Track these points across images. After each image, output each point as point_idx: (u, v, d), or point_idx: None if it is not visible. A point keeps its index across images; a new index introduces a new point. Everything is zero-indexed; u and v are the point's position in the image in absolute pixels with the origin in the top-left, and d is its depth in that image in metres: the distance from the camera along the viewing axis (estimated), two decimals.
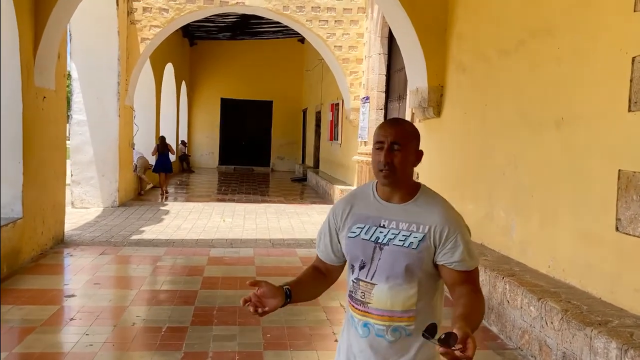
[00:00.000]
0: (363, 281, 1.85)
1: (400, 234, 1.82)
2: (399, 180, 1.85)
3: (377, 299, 1.83)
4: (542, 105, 4.82)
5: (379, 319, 1.83)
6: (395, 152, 1.82)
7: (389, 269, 1.81)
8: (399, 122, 1.92)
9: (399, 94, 10.24)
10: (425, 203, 1.88)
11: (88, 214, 10.11)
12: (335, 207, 2.00)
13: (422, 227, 1.82)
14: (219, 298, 5.23)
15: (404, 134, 1.85)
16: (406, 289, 1.82)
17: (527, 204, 4.98)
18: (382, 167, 1.82)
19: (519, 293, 4.20)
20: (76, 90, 10.74)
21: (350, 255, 1.91)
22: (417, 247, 1.81)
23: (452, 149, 6.81)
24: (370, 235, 1.86)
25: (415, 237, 1.81)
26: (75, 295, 5.22)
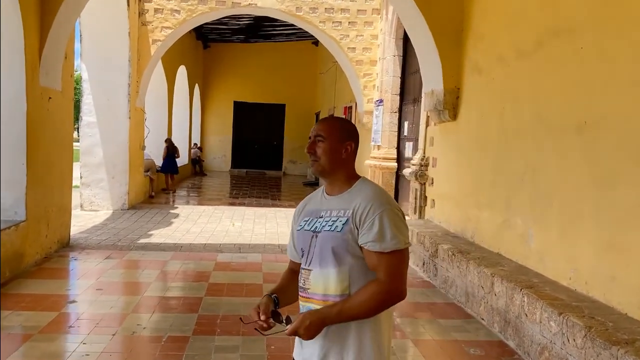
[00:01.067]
0: (304, 268, 1.96)
1: (330, 220, 1.92)
2: (325, 170, 1.97)
3: (314, 284, 1.91)
4: (562, 109, 4.58)
5: (317, 303, 1.89)
6: (318, 143, 1.97)
7: (319, 254, 1.90)
8: (325, 118, 2.11)
9: (414, 97, 10.02)
10: (358, 190, 1.95)
11: (97, 216, 10.00)
12: (296, 209, 2.14)
13: (347, 211, 1.89)
14: (223, 306, 5.05)
15: (327, 127, 2.00)
16: (336, 272, 1.87)
17: (546, 212, 4.74)
18: (310, 159, 1.99)
19: (538, 307, 3.96)
20: (86, 92, 10.64)
21: (297, 247, 2.03)
22: (342, 229, 1.87)
23: (469, 153, 6.57)
24: (311, 226, 1.97)
25: (340, 221, 1.89)
26: (77, 301, 5.07)
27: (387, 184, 10.64)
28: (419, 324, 4.85)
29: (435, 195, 7.72)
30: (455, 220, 6.87)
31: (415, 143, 9.71)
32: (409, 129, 10.35)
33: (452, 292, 5.69)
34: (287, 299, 2.05)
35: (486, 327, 4.78)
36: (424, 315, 5.12)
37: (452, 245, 5.96)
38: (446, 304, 5.49)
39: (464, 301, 5.36)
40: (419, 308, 5.35)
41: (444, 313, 5.20)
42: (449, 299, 5.65)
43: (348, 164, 2.00)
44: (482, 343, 4.42)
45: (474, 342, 4.45)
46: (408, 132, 10.38)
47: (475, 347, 4.33)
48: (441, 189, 7.51)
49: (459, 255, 5.57)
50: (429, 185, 8.01)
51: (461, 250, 5.73)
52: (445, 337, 4.57)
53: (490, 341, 4.47)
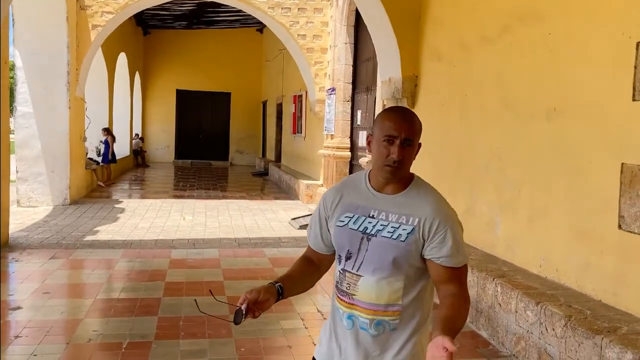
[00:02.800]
0: (349, 272, 1.79)
1: (389, 226, 1.76)
2: (404, 175, 1.80)
3: (363, 292, 1.77)
4: (530, 95, 4.55)
5: (364, 311, 1.77)
6: (406, 148, 1.75)
7: (376, 261, 1.75)
8: (410, 116, 1.82)
9: (367, 85, 9.91)
10: (417, 195, 1.81)
11: (36, 213, 9.41)
12: (326, 195, 1.92)
13: (411, 219, 1.76)
14: (184, 307, 4.77)
15: (416, 130, 1.79)
16: (392, 282, 1.76)
17: (514, 199, 4.71)
18: (390, 163, 1.74)
19: (513, 296, 3.91)
20: (20, 80, 9.96)
21: (337, 245, 1.84)
22: (406, 239, 1.74)
23: (429, 142, 6.42)
24: (358, 225, 1.79)
25: (404, 230, 1.75)
26: (22, 307, 4.66)
27: (341, 173, 10.52)
28: None
29: None
30: None
31: (370, 132, 9.60)
32: (362, 118, 10.25)
33: None
34: (295, 290, 1.88)
35: None
36: None
37: None
38: None
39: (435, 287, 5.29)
40: None
41: None
42: None
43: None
44: None
45: None
46: (361, 120, 10.28)
47: None
48: None
49: None
50: None
51: None
52: None
53: (462, 332, 4.33)
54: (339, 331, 1.83)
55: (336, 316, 1.85)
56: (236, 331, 4.17)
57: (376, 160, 1.79)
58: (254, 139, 23.02)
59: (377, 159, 1.78)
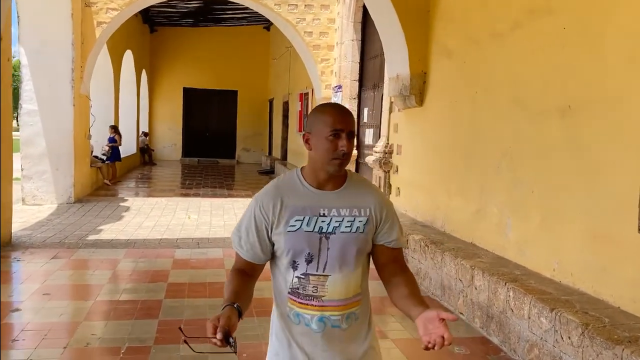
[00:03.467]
0: (314, 275, 1.77)
1: (344, 220, 1.79)
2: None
3: (333, 290, 1.77)
4: (543, 92, 4.39)
5: (336, 309, 1.78)
6: (351, 140, 1.78)
7: (340, 257, 1.77)
8: (348, 110, 1.87)
9: (374, 83, 9.75)
10: (359, 187, 1.87)
11: (40, 211, 9.32)
12: (262, 201, 1.82)
13: (363, 210, 1.81)
14: (186, 309, 4.65)
15: (353, 122, 1.83)
16: (357, 274, 1.81)
17: (526, 201, 4.56)
18: (338, 156, 1.76)
19: (525, 302, 3.76)
20: (25, 78, 9.86)
21: (293, 250, 1.77)
22: (364, 230, 1.81)
23: (437, 140, 6.35)
24: (312, 226, 1.78)
25: (360, 221, 1.80)
26: (20, 309, 4.56)
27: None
28: (396, 321, 4.60)
29: (401, 183, 7.50)
30: (423, 209, 6.66)
31: (377, 130, 9.46)
32: (368, 116, 10.09)
33: (425, 284, 5.47)
34: (245, 307, 1.75)
35: (466, 323, 4.57)
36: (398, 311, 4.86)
37: (423, 235, 5.74)
38: None
39: (440, 294, 5.15)
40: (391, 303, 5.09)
41: None
42: (422, 292, 5.41)
43: None
44: (464, 340, 4.21)
45: (456, 339, 4.21)
46: (368, 118, 10.12)
47: (458, 344, 4.11)
48: (407, 177, 7.29)
49: (433, 247, 5.35)
50: (393, 173, 7.79)
51: (434, 240, 5.51)
52: None
53: (472, 338, 4.27)
54: (302, 338, 1.80)
55: (294, 323, 1.81)
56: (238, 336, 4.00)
57: (322, 156, 1.77)
58: (261, 137, 22.90)
59: (322, 154, 1.77)
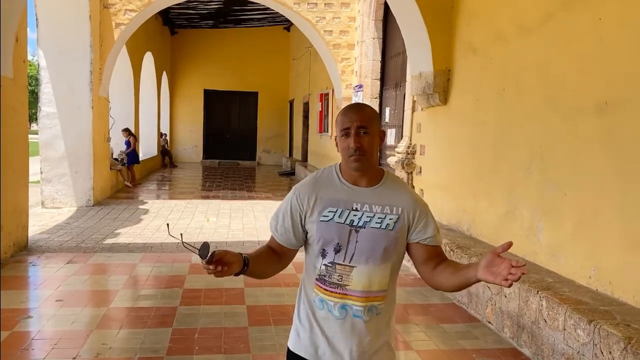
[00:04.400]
0: (340, 264, 1.84)
1: (375, 217, 1.85)
2: (370, 164, 1.87)
3: (357, 281, 1.83)
4: (576, 89, 4.12)
5: (358, 300, 1.84)
6: (362, 136, 1.83)
7: (368, 250, 1.83)
8: (361, 106, 1.93)
9: (396, 81, 9.52)
10: (393, 186, 1.93)
11: (59, 214, 9.28)
12: (299, 191, 1.94)
13: (395, 208, 1.87)
14: (201, 317, 4.48)
15: (368, 117, 1.87)
16: (382, 269, 1.85)
17: (559, 203, 4.29)
18: (352, 153, 1.83)
19: (560, 312, 3.51)
20: (45, 80, 9.84)
21: (323, 239, 1.86)
22: (394, 228, 1.86)
23: (462, 140, 6.10)
24: (344, 219, 1.85)
25: (390, 219, 1.86)
26: (32, 316, 4.44)
27: None
28: (421, 331, 4.37)
29: (424, 184, 7.26)
30: (448, 212, 6.41)
31: (399, 130, 9.23)
32: (390, 115, 9.86)
33: None
34: (257, 270, 1.86)
35: (495, 332, 4.32)
36: (424, 319, 4.64)
37: (449, 239, 5.50)
38: (445, 305, 5.03)
39: (466, 302, 4.90)
40: (417, 311, 4.87)
41: (445, 316, 4.73)
42: (447, 299, 5.19)
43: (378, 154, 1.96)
44: (494, 352, 3.96)
45: (484, 350, 3.99)
46: (390, 118, 9.89)
47: (487, 357, 3.87)
48: (431, 178, 7.05)
49: (459, 251, 5.10)
50: (416, 174, 7.54)
51: (460, 245, 5.27)
52: (452, 345, 4.09)
53: (502, 349, 4.02)
54: (324, 323, 1.87)
55: (318, 308, 1.89)
56: (254, 346, 3.86)
57: (342, 156, 1.88)
58: (281, 139, 22.77)
59: (342, 154, 1.88)
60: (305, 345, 1.89)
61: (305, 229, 1.91)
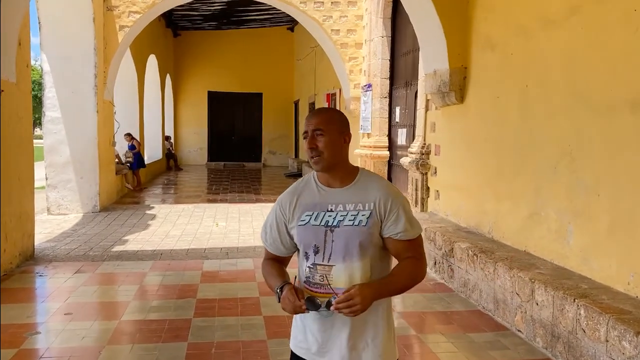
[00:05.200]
0: (320, 265, 1.90)
1: (348, 215, 1.89)
2: (330, 164, 1.91)
3: (337, 279, 1.88)
4: (608, 84, 3.91)
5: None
6: (318, 137, 1.89)
7: (343, 249, 1.87)
8: (320, 110, 2.00)
9: (406, 80, 9.31)
10: (365, 182, 1.95)
11: (65, 221, 9.11)
12: (282, 200, 2.03)
13: (367, 204, 1.90)
14: (217, 329, 4.28)
15: (324, 119, 1.92)
16: (361, 265, 1.88)
17: (590, 205, 4.08)
18: (310, 154, 1.91)
19: (602, 322, 3.29)
20: (48, 85, 9.68)
21: (303, 243, 1.95)
22: (367, 223, 1.88)
23: (481, 139, 5.89)
24: (319, 221, 1.91)
25: (363, 215, 1.89)
26: (40, 332, 4.24)
27: (380, 173, 9.84)
28: (448, 341, 4.16)
29: (440, 185, 7.04)
30: (467, 214, 6.20)
31: (410, 130, 9.02)
32: (401, 115, 9.65)
33: (474, 297, 5.02)
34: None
35: (526, 342, 4.11)
36: (449, 328, 4.43)
37: (470, 243, 5.29)
38: (470, 312, 4.82)
39: (493, 309, 4.69)
40: (440, 319, 4.67)
41: (471, 324, 4.52)
42: (471, 305, 4.98)
43: (347, 155, 1.98)
44: None
45: None
46: (400, 118, 9.68)
47: None
48: (447, 179, 6.83)
49: (483, 256, 4.89)
50: (431, 175, 7.33)
51: (483, 249, 5.06)
52: (483, 356, 3.88)
53: None
54: (314, 323, 1.93)
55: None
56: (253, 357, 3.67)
57: (308, 160, 1.92)
58: (287, 140, 22.58)
59: (308, 158, 1.92)
60: (301, 346, 1.99)
61: (291, 235, 2.00)
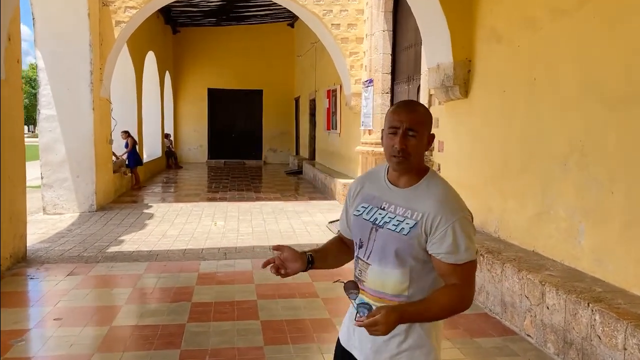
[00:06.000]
0: (361, 260, 1.86)
1: (395, 219, 1.80)
2: (413, 167, 1.82)
3: (371, 279, 1.83)
4: (622, 76, 3.71)
5: (372, 298, 1.81)
6: (409, 137, 1.77)
7: (380, 251, 1.80)
8: (414, 107, 1.85)
9: (408, 75, 9.10)
10: (425, 189, 1.81)
11: (61, 221, 8.92)
12: (351, 184, 2.01)
13: (415, 214, 1.77)
14: (212, 335, 4.09)
15: (420, 120, 1.80)
16: (397, 274, 1.78)
17: (604, 203, 3.88)
18: (395, 153, 1.79)
19: (619, 329, 3.10)
20: (43, 82, 9.48)
21: (353, 232, 1.93)
22: (408, 233, 1.76)
23: (486, 135, 5.69)
24: (370, 216, 1.85)
25: (407, 224, 1.77)
26: (24, 339, 4.05)
27: None
28: (454, 347, 3.97)
29: None
30: (472, 212, 5.97)
31: None
32: None
33: (481, 299, 4.83)
34: (328, 263, 2.00)
35: (536, 347, 3.92)
36: (455, 333, 4.24)
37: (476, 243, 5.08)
38: (477, 316, 4.62)
39: (500, 312, 4.50)
40: (447, 322, 4.37)
41: (478, 329, 4.32)
42: (478, 308, 4.78)
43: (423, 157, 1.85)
44: None
45: None
46: None
47: None
48: (451, 176, 6.62)
49: (489, 256, 4.70)
50: None
51: (490, 249, 4.86)
52: None
53: None
54: (350, 314, 1.92)
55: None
56: None
57: (385, 153, 1.83)
58: (287, 137, 22.38)
59: (385, 150, 1.83)
60: (343, 332, 1.96)
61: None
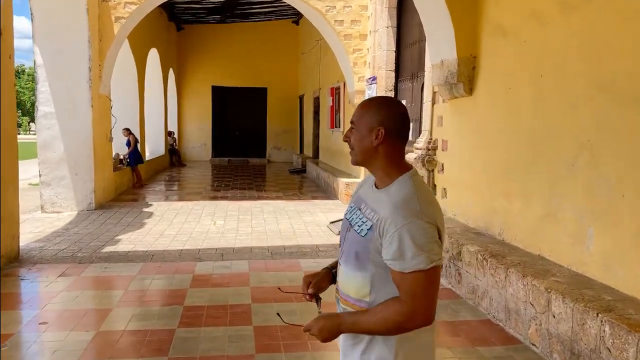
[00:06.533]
0: (339, 262, 1.84)
1: (360, 220, 1.74)
2: (360, 161, 1.78)
3: (340, 281, 1.81)
4: (634, 73, 3.50)
5: (341, 300, 1.79)
6: (351, 130, 1.78)
7: (347, 252, 1.77)
8: (367, 101, 1.80)
9: (412, 72, 8.90)
10: (393, 191, 1.69)
11: (59, 219, 8.79)
12: (356, 185, 1.98)
13: (375, 215, 1.69)
14: (201, 342, 3.92)
15: (361, 112, 1.76)
16: (358, 277, 1.72)
17: (614, 205, 3.68)
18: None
19: (630, 342, 2.90)
20: (41, 78, 9.35)
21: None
22: (365, 235, 1.69)
23: (491, 134, 5.49)
24: (350, 216, 1.82)
25: (365, 226, 1.71)
26: (7, 345, 3.89)
27: None
28: (455, 357, 3.78)
29: (448, 183, 6.65)
30: (476, 213, 5.80)
31: (416, 124, 8.62)
32: (407, 108, 9.23)
33: (484, 305, 4.63)
34: None
35: (541, 357, 3.73)
36: (456, 341, 4.05)
37: (480, 246, 4.90)
38: (479, 322, 4.43)
39: (504, 319, 4.30)
40: (447, 330, 4.28)
41: (480, 337, 4.13)
42: (480, 314, 4.60)
43: (384, 153, 1.73)
44: None
45: None
46: None
47: None
48: (455, 176, 6.44)
49: (493, 261, 4.50)
50: (438, 172, 6.94)
51: (493, 253, 4.66)
52: None
53: None
54: None
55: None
56: None
57: None
58: (291, 135, 22.21)
59: None
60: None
61: None
